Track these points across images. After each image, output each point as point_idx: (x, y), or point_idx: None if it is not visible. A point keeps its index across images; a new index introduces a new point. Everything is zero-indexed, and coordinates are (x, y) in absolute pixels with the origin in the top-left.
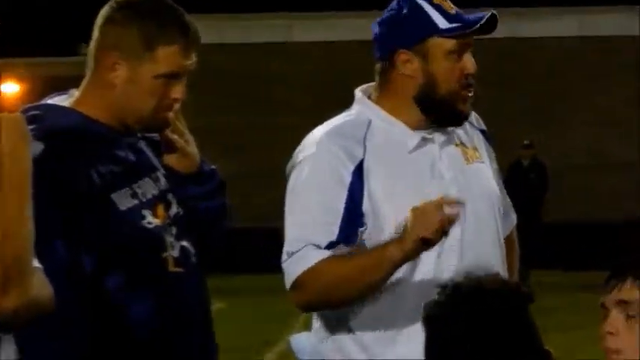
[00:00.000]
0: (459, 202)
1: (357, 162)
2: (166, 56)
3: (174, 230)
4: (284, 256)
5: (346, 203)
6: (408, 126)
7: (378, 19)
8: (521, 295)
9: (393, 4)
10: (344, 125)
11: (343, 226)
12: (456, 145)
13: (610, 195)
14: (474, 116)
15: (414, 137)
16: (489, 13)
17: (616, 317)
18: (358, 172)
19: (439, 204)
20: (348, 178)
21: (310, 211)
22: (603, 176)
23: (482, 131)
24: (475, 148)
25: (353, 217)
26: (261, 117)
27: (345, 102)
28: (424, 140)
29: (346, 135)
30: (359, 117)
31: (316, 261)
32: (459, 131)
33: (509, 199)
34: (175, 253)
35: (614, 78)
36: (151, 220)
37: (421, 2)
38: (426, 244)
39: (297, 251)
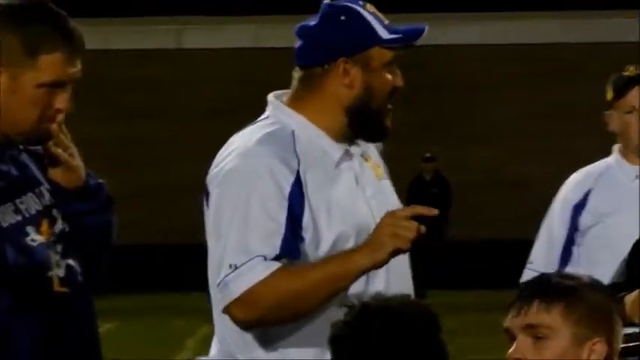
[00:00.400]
0: (432, 212)
1: (295, 173)
2: (49, 64)
3: (59, 248)
4: (226, 269)
5: (287, 216)
6: (330, 136)
7: (307, 24)
8: (431, 315)
9: (327, 9)
10: (273, 134)
11: (286, 239)
12: (366, 160)
13: (514, 213)
14: None
15: (338, 149)
16: (424, 26)
17: (523, 341)
18: (297, 184)
19: (410, 213)
20: (287, 189)
21: (252, 223)
22: (504, 193)
23: (376, 146)
24: (378, 165)
25: (294, 229)
26: (150, 128)
27: (240, 111)
28: (346, 154)
29: (278, 144)
30: (282, 125)
31: (268, 273)
32: (365, 147)
33: None
34: (61, 272)
35: (516, 90)
36: (35, 237)
37: (360, 10)
38: (396, 253)
39: (243, 264)
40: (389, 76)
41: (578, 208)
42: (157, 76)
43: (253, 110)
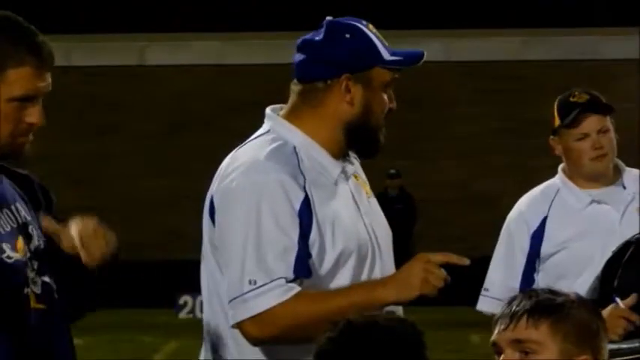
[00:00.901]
0: (464, 262)
1: (303, 190)
2: (18, 78)
3: (35, 265)
4: (245, 285)
5: (299, 234)
6: (327, 152)
7: (310, 39)
8: (416, 332)
9: (331, 26)
10: (278, 150)
11: (300, 256)
12: (355, 177)
13: (481, 229)
14: None
15: (336, 167)
16: (422, 51)
17: (511, 355)
18: (306, 200)
19: (442, 261)
20: (297, 206)
21: (267, 238)
22: (472, 209)
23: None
24: (366, 182)
25: (305, 247)
26: (116, 143)
27: (206, 126)
28: (342, 171)
29: (285, 161)
30: (284, 141)
31: (289, 296)
32: (356, 165)
33: None
34: (37, 289)
35: (482, 106)
36: (11, 254)
37: (364, 29)
38: (421, 296)
39: (265, 284)
40: (385, 97)
41: (537, 235)
42: (121, 92)
43: (220, 125)
